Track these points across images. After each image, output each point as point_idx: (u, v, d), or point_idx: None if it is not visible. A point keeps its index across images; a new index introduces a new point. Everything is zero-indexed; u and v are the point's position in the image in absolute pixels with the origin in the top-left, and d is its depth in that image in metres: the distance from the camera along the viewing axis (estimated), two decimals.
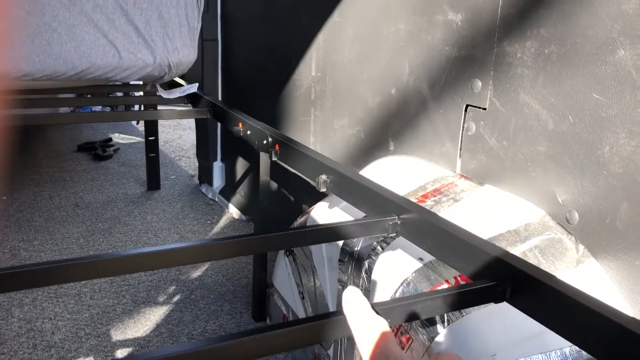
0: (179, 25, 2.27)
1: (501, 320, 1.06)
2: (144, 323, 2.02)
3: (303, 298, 1.72)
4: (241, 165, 3.11)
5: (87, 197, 3.22)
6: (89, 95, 3.32)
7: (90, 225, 2.82)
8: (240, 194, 3.12)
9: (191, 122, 4.82)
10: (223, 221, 3.01)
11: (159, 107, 3.07)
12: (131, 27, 2.16)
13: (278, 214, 2.41)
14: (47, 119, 3.33)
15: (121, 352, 1.86)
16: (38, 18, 1.94)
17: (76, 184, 3.45)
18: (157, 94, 2.57)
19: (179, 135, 5.14)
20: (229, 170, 3.28)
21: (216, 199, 3.28)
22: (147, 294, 2.21)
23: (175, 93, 2.49)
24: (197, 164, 3.80)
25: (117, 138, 4.52)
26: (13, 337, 1.90)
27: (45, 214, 2.93)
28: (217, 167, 3.35)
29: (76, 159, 3.96)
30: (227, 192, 3.25)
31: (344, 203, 1.52)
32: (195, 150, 3.62)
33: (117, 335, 1.94)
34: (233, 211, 3.12)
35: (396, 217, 1.17)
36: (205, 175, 3.47)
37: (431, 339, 1.12)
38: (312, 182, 1.53)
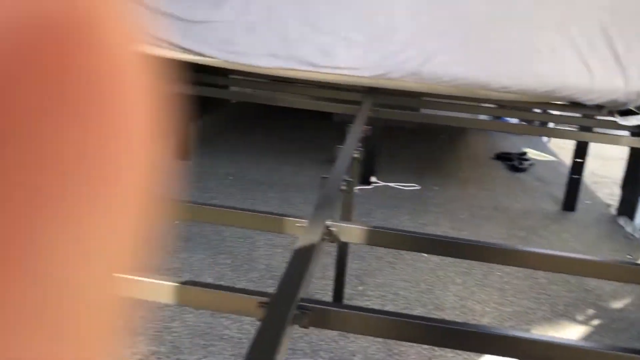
0: None
1: None
2: (561, 335, 2.09)
3: None
4: None
5: (504, 203, 3.45)
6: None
7: (509, 230, 3.03)
8: None
9: (608, 152, 4.57)
10: None
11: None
12: (610, 52, 2.21)
13: None
14: (471, 122, 3.62)
15: None
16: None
17: (494, 188, 3.73)
18: (604, 118, 2.57)
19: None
20: None
21: (636, 235, 3.10)
22: (564, 308, 2.27)
23: (633, 120, 2.45)
24: (605, 191, 3.66)
25: (531, 153, 4.65)
26: (449, 307, 2.21)
27: (469, 210, 3.27)
28: None
29: (492, 166, 4.26)
30: None
31: None
32: (622, 181, 3.46)
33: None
34: None
35: None
36: (626, 208, 3.30)
37: None
38: None
